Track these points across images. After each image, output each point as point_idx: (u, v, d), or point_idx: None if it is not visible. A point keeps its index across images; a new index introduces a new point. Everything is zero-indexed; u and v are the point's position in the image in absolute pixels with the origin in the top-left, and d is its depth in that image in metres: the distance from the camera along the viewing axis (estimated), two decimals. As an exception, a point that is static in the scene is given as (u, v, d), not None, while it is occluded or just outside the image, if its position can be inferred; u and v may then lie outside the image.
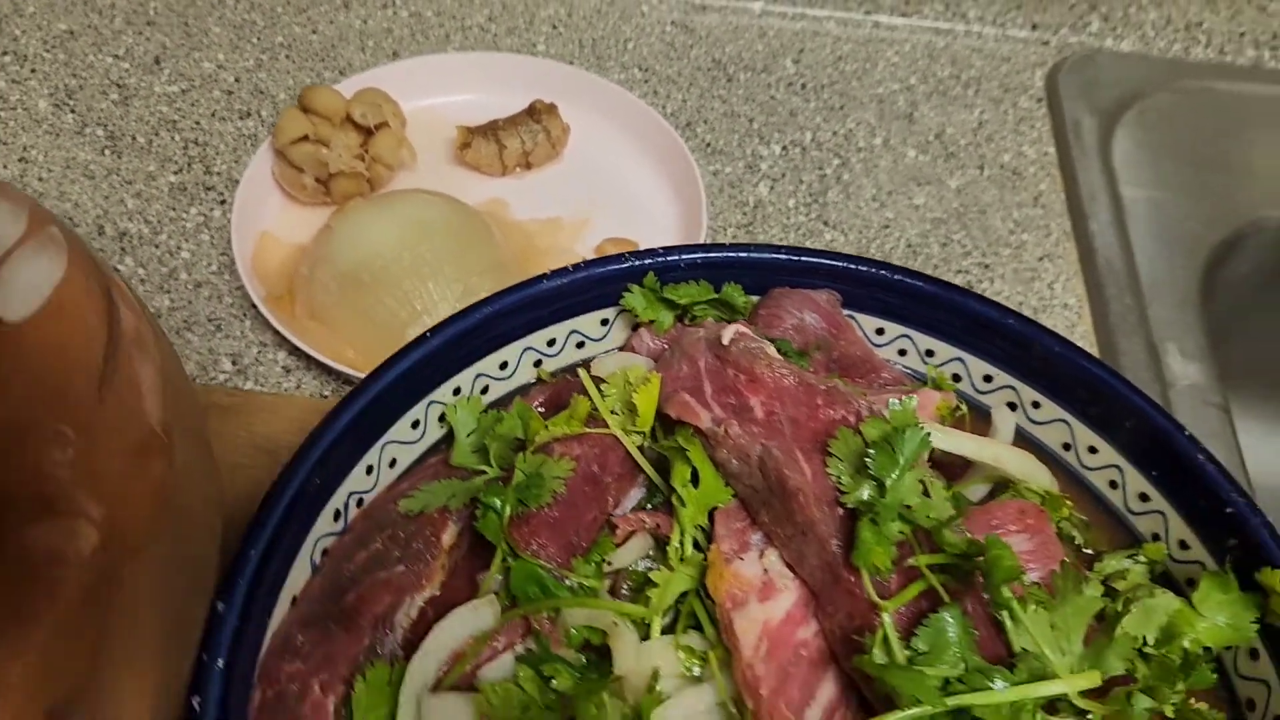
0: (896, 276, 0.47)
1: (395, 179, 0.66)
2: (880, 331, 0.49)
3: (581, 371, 0.44)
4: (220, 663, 0.35)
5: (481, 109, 0.69)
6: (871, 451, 0.37)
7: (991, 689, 0.33)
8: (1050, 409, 0.46)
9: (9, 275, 0.32)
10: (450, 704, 0.35)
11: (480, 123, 0.68)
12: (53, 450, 0.29)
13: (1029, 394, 0.46)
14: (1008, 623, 0.36)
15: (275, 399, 0.56)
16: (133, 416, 0.33)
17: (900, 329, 0.48)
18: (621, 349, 0.48)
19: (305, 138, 0.61)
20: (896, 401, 0.40)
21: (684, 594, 0.40)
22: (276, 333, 0.60)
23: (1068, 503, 0.44)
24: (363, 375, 0.42)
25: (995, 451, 0.42)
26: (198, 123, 0.71)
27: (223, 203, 0.66)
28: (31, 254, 0.32)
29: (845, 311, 0.49)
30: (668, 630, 0.39)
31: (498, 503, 0.39)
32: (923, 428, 0.37)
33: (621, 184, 0.68)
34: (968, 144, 0.73)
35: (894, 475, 0.36)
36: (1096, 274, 0.66)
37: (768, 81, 0.76)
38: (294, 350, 0.60)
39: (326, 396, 0.59)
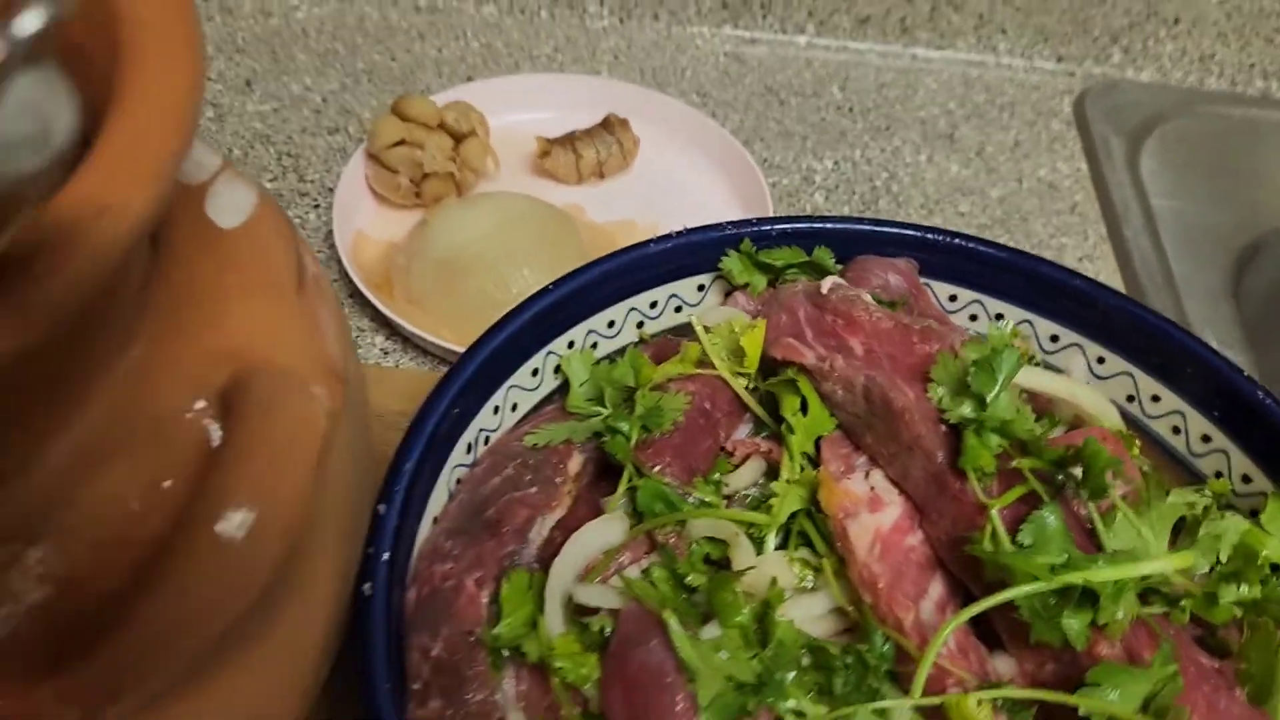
0: (971, 244, 0.51)
1: (480, 186, 0.71)
2: (953, 298, 0.53)
3: (694, 317, 0.48)
4: (385, 556, 0.38)
5: (557, 125, 0.74)
6: (972, 370, 0.41)
7: (1097, 568, 0.36)
8: (1115, 363, 0.50)
9: (219, 191, 0.36)
10: (598, 592, 0.38)
11: (557, 135, 0.73)
12: (275, 334, 0.33)
13: (1094, 350, 0.50)
14: (1099, 525, 0.39)
15: (381, 371, 0.60)
16: (318, 338, 0.36)
17: (972, 294, 0.52)
18: (716, 313, 0.52)
19: (401, 141, 0.66)
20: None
21: (793, 515, 0.43)
22: (374, 319, 0.64)
23: (1136, 443, 0.48)
24: (461, 350, 0.46)
25: (1072, 388, 0.46)
26: (290, 137, 0.76)
27: (316, 207, 0.71)
28: (231, 179, 0.37)
29: (920, 280, 0.53)
30: (780, 549, 0.43)
31: (625, 426, 0.43)
32: (1016, 349, 0.41)
33: (689, 191, 0.73)
34: (1006, 160, 0.78)
35: (993, 392, 0.40)
36: (1134, 273, 0.70)
37: (817, 105, 0.82)
38: (391, 334, 0.64)
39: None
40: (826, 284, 0.47)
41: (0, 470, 0.26)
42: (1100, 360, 0.50)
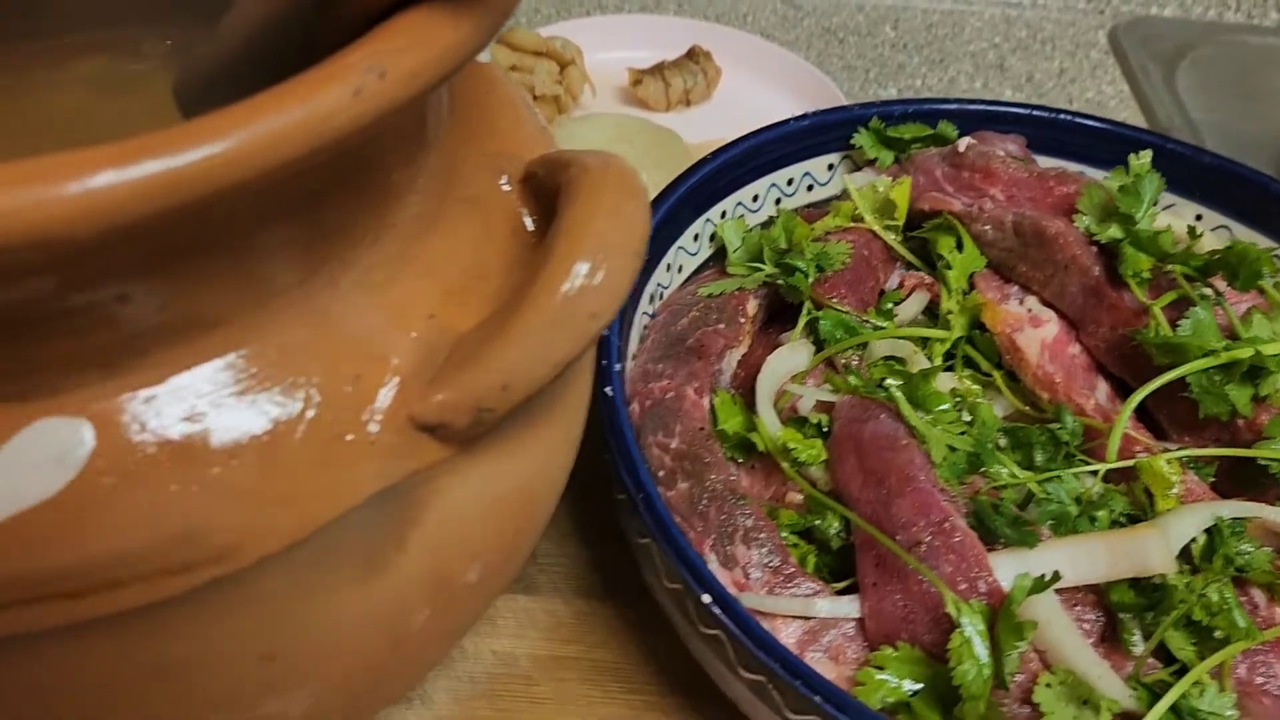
0: (1077, 119, 0.56)
1: (577, 111, 0.75)
2: (1058, 171, 0.58)
3: (845, 178, 0.52)
4: (617, 367, 0.42)
5: (641, 61, 0.79)
6: (1118, 194, 0.45)
7: (1261, 343, 0.40)
8: (1212, 218, 0.55)
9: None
10: (814, 392, 0.42)
11: (645, 67, 0.78)
12: (536, 144, 0.37)
13: (1191, 209, 0.55)
14: (1237, 326, 0.44)
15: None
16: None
17: (1076, 167, 0.57)
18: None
19: (513, 67, 0.70)
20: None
21: (955, 343, 0.47)
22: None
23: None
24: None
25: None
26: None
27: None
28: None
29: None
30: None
31: (802, 265, 0.47)
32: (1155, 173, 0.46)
33: (769, 115, 0.77)
34: (1054, 86, 0.84)
35: (1140, 211, 0.45)
36: (1186, 176, 0.76)
37: (874, 43, 0.87)
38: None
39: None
40: (963, 144, 0.52)
41: (364, 226, 0.30)
42: (1198, 217, 0.55)
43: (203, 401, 0.26)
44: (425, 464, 0.29)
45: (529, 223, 0.34)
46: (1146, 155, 0.48)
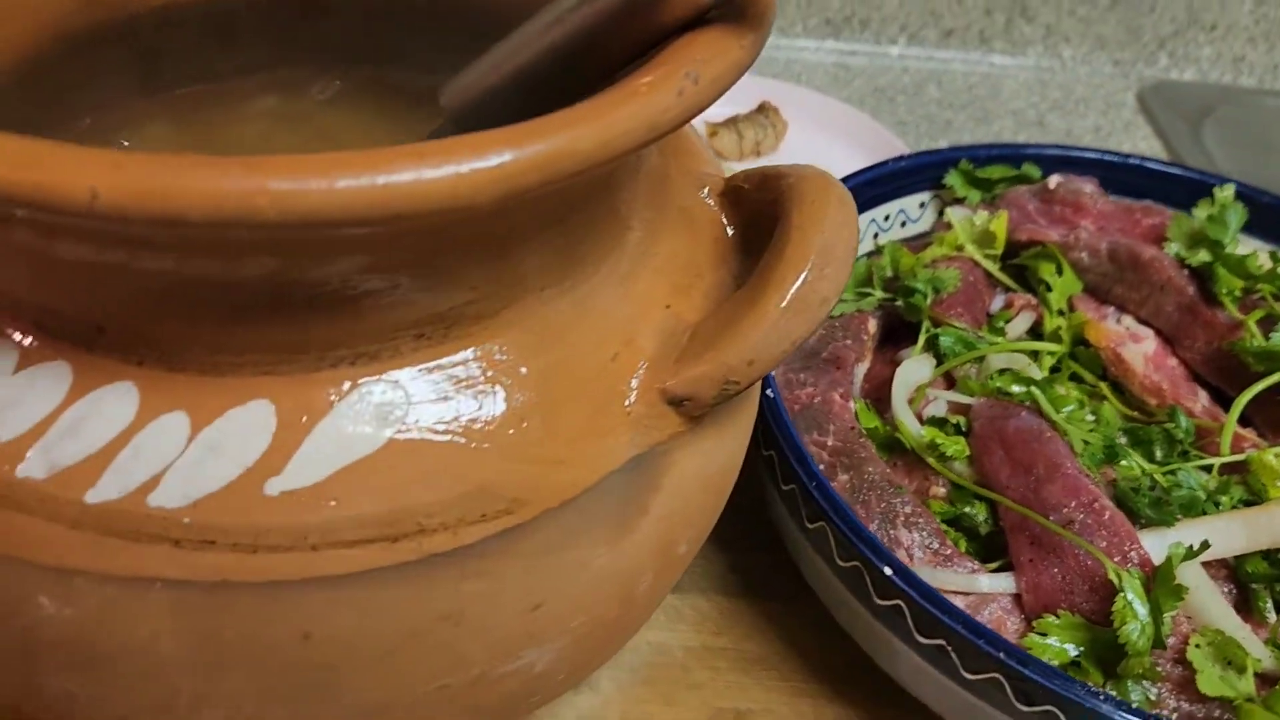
0: (1145, 163, 0.62)
1: (656, 162, 0.80)
2: (1127, 210, 0.63)
3: (948, 211, 0.57)
4: (770, 373, 0.45)
5: (715, 115, 0.85)
6: (1206, 223, 0.50)
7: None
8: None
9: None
10: (949, 395, 0.46)
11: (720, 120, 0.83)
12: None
13: (1249, 243, 0.60)
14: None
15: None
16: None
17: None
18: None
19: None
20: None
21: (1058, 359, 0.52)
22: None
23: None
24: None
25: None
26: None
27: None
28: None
29: (1098, 196, 0.63)
30: (1051, 385, 0.51)
31: (920, 287, 0.52)
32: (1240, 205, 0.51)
33: (832, 165, 0.83)
34: (1092, 140, 0.90)
35: (1227, 238, 0.50)
36: (1223, 222, 0.82)
37: (921, 101, 0.93)
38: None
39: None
40: (1053, 181, 0.57)
41: (615, 227, 0.34)
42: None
43: (496, 372, 0.30)
44: (667, 435, 0.33)
45: (729, 229, 0.38)
46: (1229, 188, 0.53)
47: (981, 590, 0.40)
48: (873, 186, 0.59)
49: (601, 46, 0.31)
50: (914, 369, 0.49)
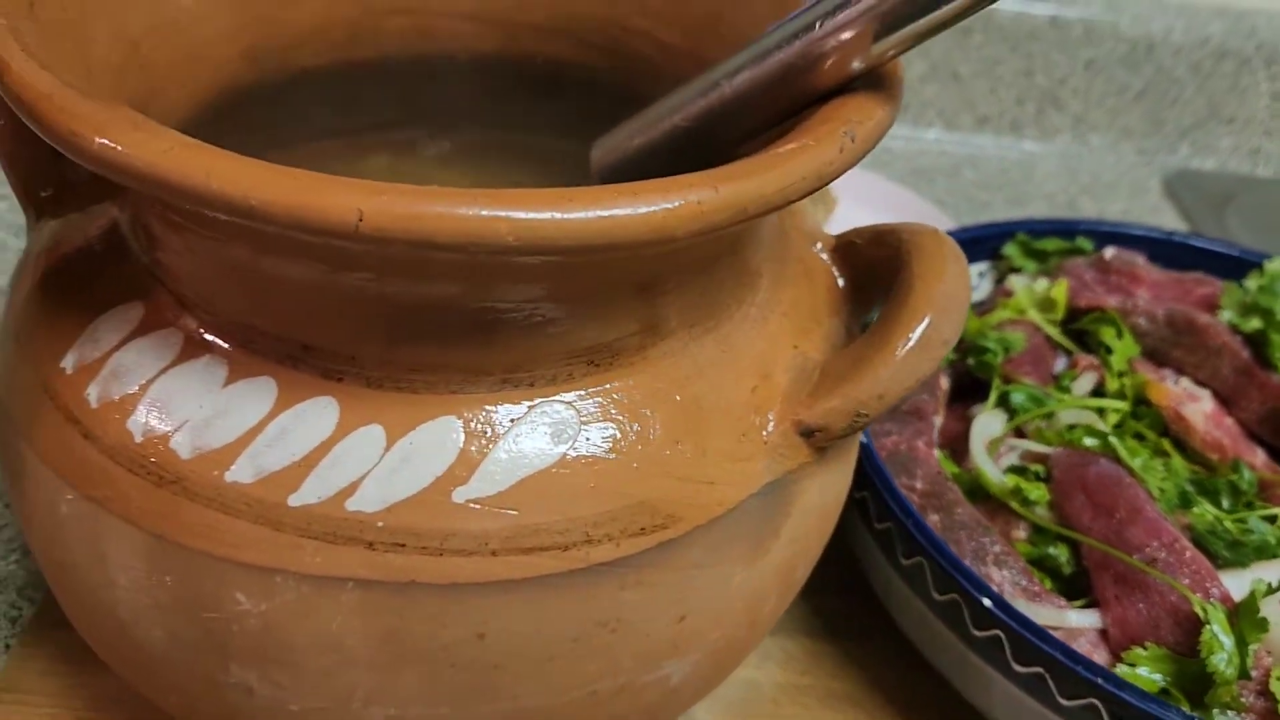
0: (1189, 240, 0.66)
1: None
2: (1171, 283, 0.67)
3: (1011, 279, 0.61)
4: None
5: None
6: (1257, 293, 0.54)
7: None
8: (1311, 323, 0.64)
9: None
10: (1031, 444, 0.49)
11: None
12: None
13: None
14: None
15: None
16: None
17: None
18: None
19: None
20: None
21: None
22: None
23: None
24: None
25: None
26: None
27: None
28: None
29: (1144, 270, 0.67)
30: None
31: (992, 345, 0.55)
32: (1289, 276, 0.54)
33: (882, 240, 0.87)
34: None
35: (1278, 306, 0.54)
36: (1251, 301, 0.86)
37: (958, 183, 0.98)
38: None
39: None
40: (1108, 252, 0.61)
41: (752, 273, 0.37)
42: (1299, 323, 0.64)
43: (654, 398, 0.33)
44: (797, 464, 0.36)
45: (839, 280, 0.41)
46: (1278, 261, 0.57)
47: (1070, 625, 0.42)
48: (936, 255, 0.63)
49: (750, 112, 0.35)
50: (988, 422, 0.52)
